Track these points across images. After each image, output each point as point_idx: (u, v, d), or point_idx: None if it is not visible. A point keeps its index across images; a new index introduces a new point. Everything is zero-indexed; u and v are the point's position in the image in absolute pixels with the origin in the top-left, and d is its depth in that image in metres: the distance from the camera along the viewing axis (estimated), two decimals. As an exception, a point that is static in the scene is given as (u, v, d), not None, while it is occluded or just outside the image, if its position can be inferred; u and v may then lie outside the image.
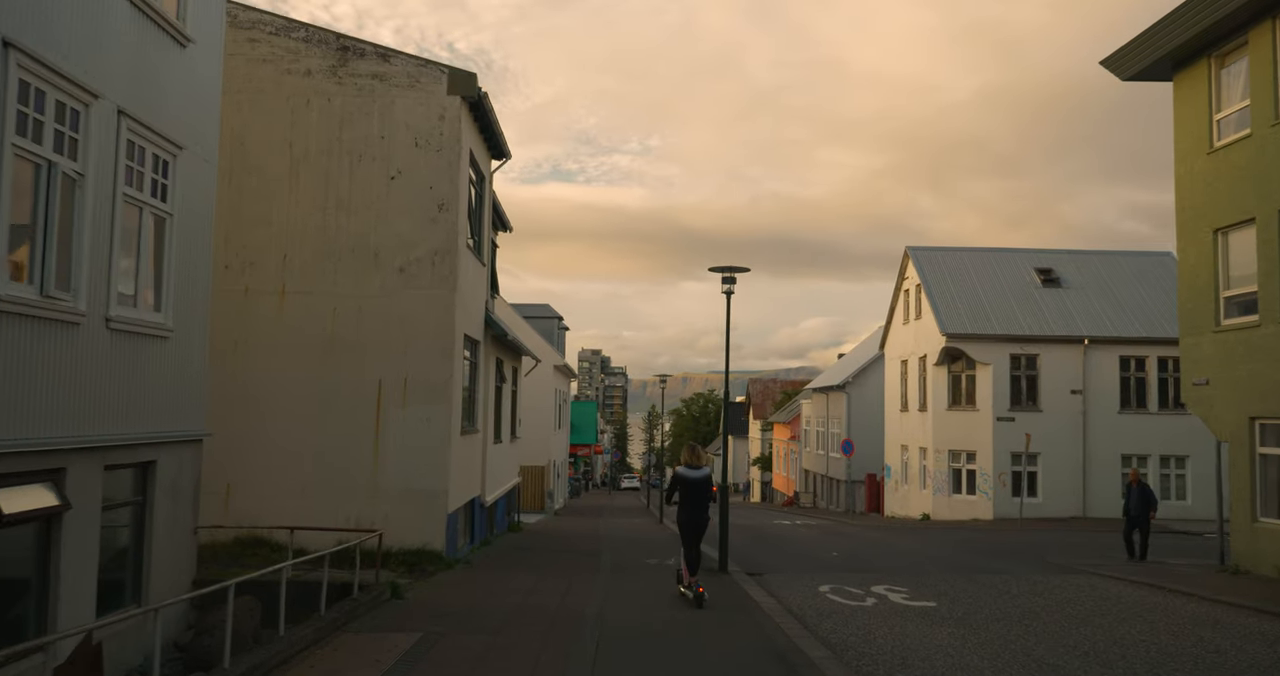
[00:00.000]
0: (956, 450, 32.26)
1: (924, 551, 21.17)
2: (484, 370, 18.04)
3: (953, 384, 32.60)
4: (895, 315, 37.83)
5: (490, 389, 18.73)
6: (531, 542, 20.57)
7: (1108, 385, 31.26)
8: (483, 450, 18.01)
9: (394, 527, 14.16)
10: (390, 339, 14.50)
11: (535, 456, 36.65)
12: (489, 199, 18.25)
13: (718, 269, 16.33)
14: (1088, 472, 31.02)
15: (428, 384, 14.41)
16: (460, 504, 15.77)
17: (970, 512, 31.57)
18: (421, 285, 14.59)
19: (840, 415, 45.93)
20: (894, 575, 16.06)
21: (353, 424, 14.36)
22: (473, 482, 17.12)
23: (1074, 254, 36.03)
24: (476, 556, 16.45)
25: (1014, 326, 31.87)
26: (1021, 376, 31.68)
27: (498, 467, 20.18)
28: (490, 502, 18.98)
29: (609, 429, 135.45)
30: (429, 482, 14.30)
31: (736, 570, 15.90)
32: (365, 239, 14.62)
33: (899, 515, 36.17)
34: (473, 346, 17.12)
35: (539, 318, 41.90)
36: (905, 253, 35.93)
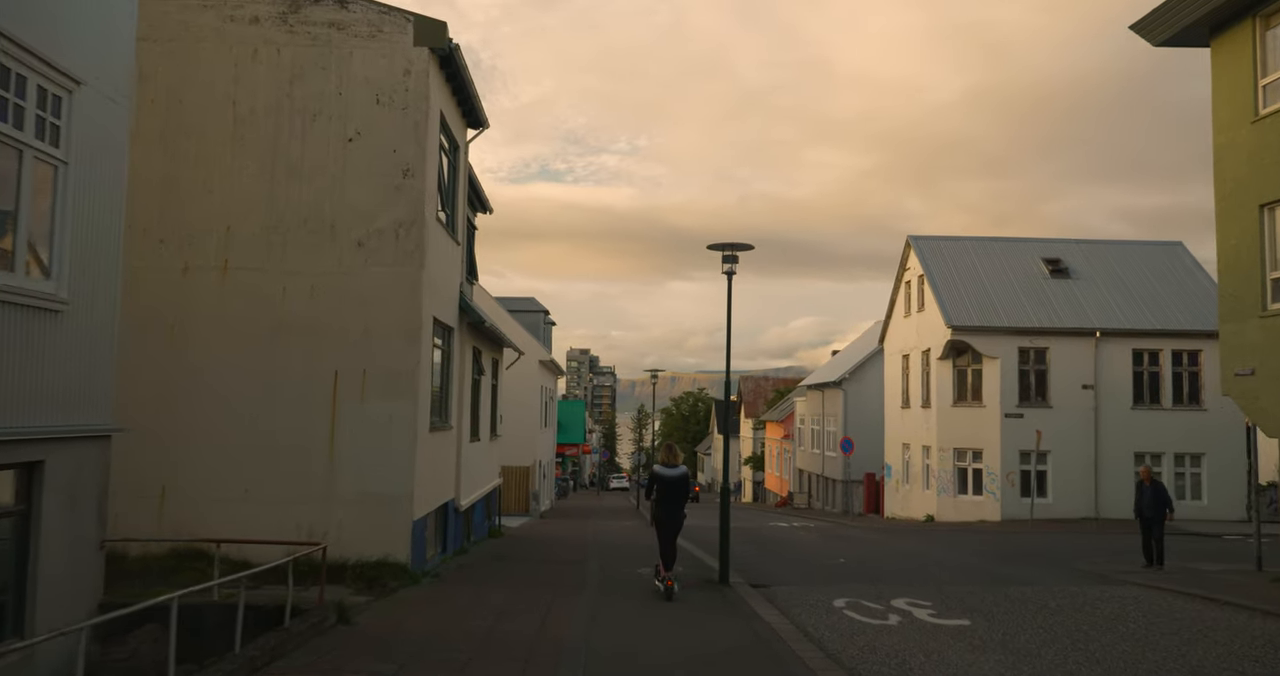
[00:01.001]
0: (962, 448, 30.71)
1: (937, 557, 19.58)
2: (459, 360, 16.34)
3: (958, 379, 31.05)
4: (896, 308, 36.27)
5: (466, 382, 17.03)
6: (512, 550, 18.87)
7: (1120, 380, 29.77)
8: (457, 449, 16.31)
9: (351, 537, 12.46)
10: (348, 322, 12.79)
11: (519, 456, 34.92)
12: (464, 171, 16.55)
13: (717, 247, 14.68)
14: (1100, 471, 29.51)
15: (391, 374, 12.71)
16: (429, 509, 14.06)
17: (977, 514, 30.02)
18: (384, 261, 12.88)
19: (837, 413, 44.36)
20: (912, 585, 14.46)
21: (305, 419, 12.64)
22: (445, 485, 15.41)
23: (1082, 244, 34.55)
24: (448, 568, 14.74)
25: (1022, 318, 30.34)
26: (1030, 371, 30.15)
27: (475, 468, 18.48)
28: (466, 507, 17.28)
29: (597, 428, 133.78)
30: (391, 486, 12.59)
31: (739, 582, 14.27)
32: (319, 209, 12.91)
33: (900, 516, 34.61)
34: (445, 333, 15.42)
35: (524, 311, 40.16)
36: (907, 242, 34.37)
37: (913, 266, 33.99)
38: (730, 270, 14.73)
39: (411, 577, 12.48)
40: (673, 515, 12.29)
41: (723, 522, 14.49)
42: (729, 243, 14.54)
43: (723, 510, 14.57)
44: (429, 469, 13.74)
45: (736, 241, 14.50)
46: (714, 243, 14.64)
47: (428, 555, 14.11)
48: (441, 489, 15.08)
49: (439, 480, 14.79)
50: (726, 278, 14.82)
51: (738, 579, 14.41)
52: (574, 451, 73.70)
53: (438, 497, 14.78)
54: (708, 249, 14.81)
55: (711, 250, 14.82)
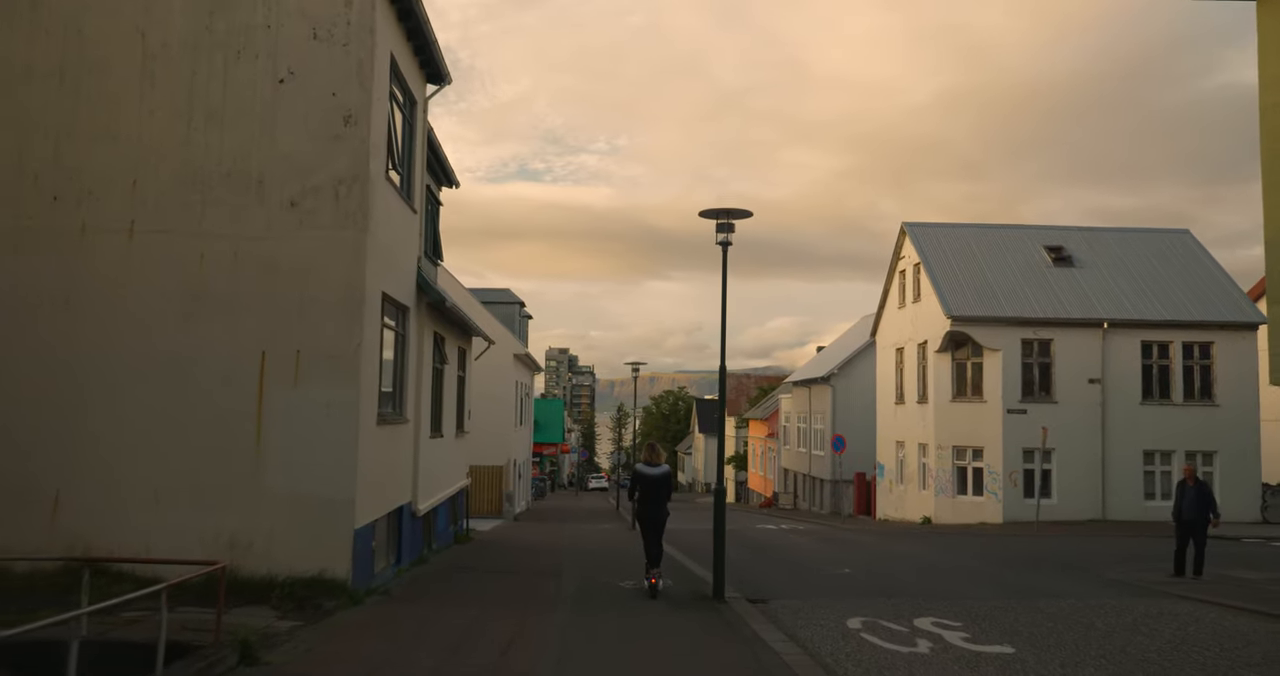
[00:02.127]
0: (961, 446, 29.02)
1: (947, 564, 17.82)
2: (417, 345, 14.41)
3: (957, 373, 29.36)
4: (889, 298, 34.57)
5: (426, 370, 15.09)
6: (479, 559, 16.92)
7: (1128, 373, 28.18)
8: (414, 446, 14.37)
9: (281, 549, 10.51)
10: (278, 295, 10.83)
11: (492, 455, 32.95)
12: (422, 131, 14.61)
13: (711, 213, 12.83)
14: (1107, 470, 27.92)
15: (328, 356, 10.76)
16: (378, 515, 12.11)
17: (977, 515, 28.34)
18: (320, 223, 10.92)
19: (825, 410, 42.64)
20: (932, 599, 12.67)
21: (226, 409, 10.67)
22: (399, 486, 13.47)
23: (1085, 231, 32.97)
24: (401, 582, 12.79)
25: (1026, 308, 28.69)
26: (1034, 364, 28.50)
27: (437, 467, 16.54)
28: (426, 511, 15.33)
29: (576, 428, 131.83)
30: (329, 488, 10.64)
31: (736, 596, 12.43)
32: (245, 161, 10.93)
33: (894, 518, 32.91)
34: (399, 313, 13.48)
35: (498, 303, 38.18)
36: (901, 229, 32.67)
37: (908, 254, 32.29)
38: (725, 240, 12.89)
39: (352, 597, 10.53)
40: (656, 513, 12.24)
41: (717, 529, 12.63)
42: (723, 209, 12.71)
43: (717, 515, 12.71)
44: (377, 467, 11.80)
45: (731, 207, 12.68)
46: (707, 209, 12.80)
47: (376, 568, 12.17)
48: (394, 490, 13.14)
49: (391, 481, 12.85)
50: (721, 249, 12.98)
51: (734, 593, 12.57)
52: (552, 451, 71.74)
53: (389, 501, 12.83)
54: (700, 216, 12.97)
55: (704, 218, 12.99)
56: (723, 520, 12.72)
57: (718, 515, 12.68)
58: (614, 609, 11.44)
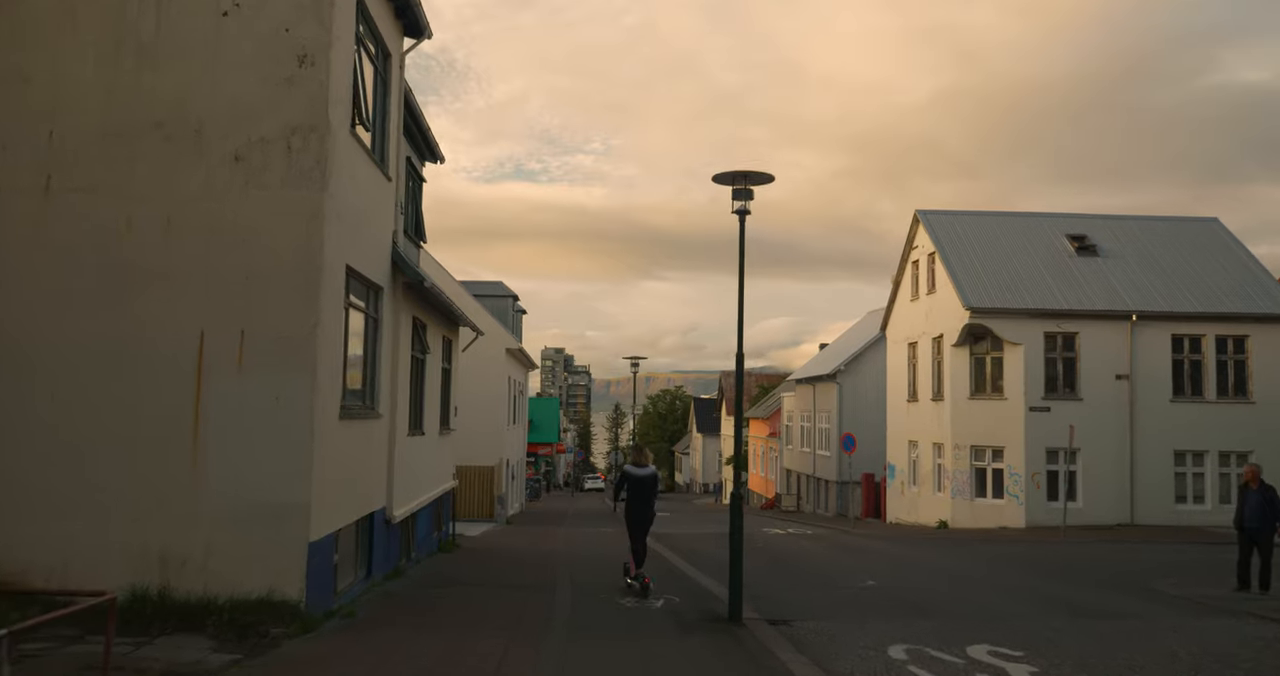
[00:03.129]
0: (980, 446, 27.40)
1: (979, 575, 16.23)
2: (391, 331, 12.76)
3: (976, 368, 27.74)
4: (900, 290, 32.94)
5: (403, 360, 13.45)
6: (463, 570, 15.27)
7: (1158, 369, 26.58)
8: (388, 444, 12.72)
9: (222, 565, 8.87)
10: (219, 266, 9.18)
11: (483, 454, 31.29)
12: (398, 90, 12.95)
13: (725, 177, 11.20)
14: (1135, 472, 26.33)
15: (279, 339, 9.11)
16: (342, 523, 10.46)
17: (997, 519, 26.74)
18: (269, 182, 9.27)
19: (831, 408, 41.02)
20: (977, 620, 11.08)
21: (156, 401, 9.03)
22: (369, 490, 11.81)
23: (1107, 220, 31.38)
24: (370, 601, 11.13)
25: (1049, 299, 27.08)
26: (1058, 358, 26.89)
27: (417, 468, 14.90)
28: (404, 517, 13.68)
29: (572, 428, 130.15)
30: (278, 493, 8.98)
31: (754, 618, 10.82)
32: (181, 107, 9.28)
33: (906, 521, 31.29)
34: (370, 293, 11.83)
35: (491, 296, 36.51)
36: (915, 217, 31.04)
37: (921, 244, 30.67)
38: (742, 208, 11.26)
39: (305, 622, 8.87)
40: (643, 513, 12.47)
41: (734, 541, 10.99)
42: (739, 172, 11.08)
43: (734, 525, 11.07)
44: (340, 469, 10.14)
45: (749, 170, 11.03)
46: (721, 173, 11.16)
47: (339, 585, 10.51)
48: (363, 495, 11.48)
49: (359, 484, 11.19)
50: (739, 218, 11.35)
51: (751, 613, 10.96)
52: (547, 451, 70.04)
53: (356, 507, 11.18)
54: (713, 181, 11.34)
55: (718, 183, 11.35)
56: (740, 531, 11.08)
57: (735, 525, 11.03)
58: (614, 634, 9.82)
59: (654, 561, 17.22)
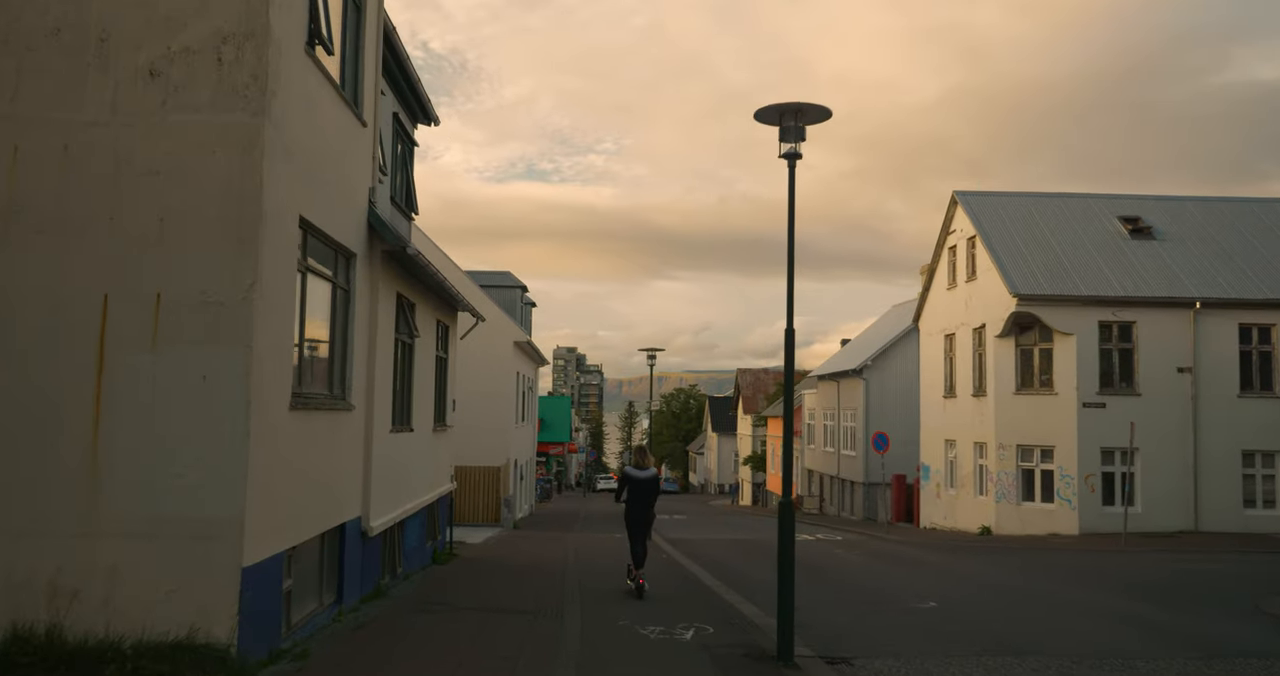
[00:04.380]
0: (1028, 445, 25.19)
1: (1053, 594, 14.07)
2: (368, 307, 10.72)
3: (1022, 360, 25.54)
4: (936, 278, 30.74)
5: (385, 342, 11.41)
6: (457, 587, 13.20)
7: (1224, 361, 24.33)
8: (364, 441, 10.67)
9: (127, 597, 6.83)
10: (128, 211, 7.14)
11: (489, 454, 29.25)
12: (377, 18, 10.89)
13: (769, 112, 9.09)
14: (1200, 474, 24.09)
15: (205, 304, 7.06)
16: (297, 540, 8.40)
17: (1046, 525, 24.54)
18: (194, 103, 7.22)
19: (856, 406, 38.85)
20: (1089, 662, 8.96)
21: (46, 382, 6.99)
22: (337, 497, 9.75)
23: (1162, 200, 29.09)
24: (333, 634, 9.07)
25: (1103, 286, 24.86)
26: (1113, 350, 24.67)
27: (405, 469, 12.86)
28: (385, 527, 11.63)
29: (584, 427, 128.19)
30: (202, 504, 6.93)
31: (808, 655, 8.74)
32: (82, 9, 7.24)
33: (943, 527, 29.10)
34: (339, 259, 9.78)
35: (498, 286, 34.50)
36: (952, 198, 28.84)
37: (960, 227, 28.47)
38: (792, 151, 9.16)
39: (235, 671, 6.81)
40: (643, 514, 12.48)
41: (783, 562, 8.88)
42: (788, 104, 8.97)
43: (782, 543, 8.96)
44: (293, 472, 8.09)
45: (800, 102, 8.93)
46: (766, 107, 9.05)
47: (293, 618, 8.45)
48: (329, 503, 9.43)
49: (323, 489, 9.13)
50: (787, 163, 9.25)
51: (803, 649, 8.88)
52: (559, 450, 68.13)
53: (320, 518, 9.12)
54: (757, 118, 9.24)
55: (761, 122, 9.25)
56: (790, 550, 8.98)
57: (784, 542, 8.92)
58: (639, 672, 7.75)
59: (676, 575, 15.14)
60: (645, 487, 12.46)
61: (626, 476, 12.59)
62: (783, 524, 8.94)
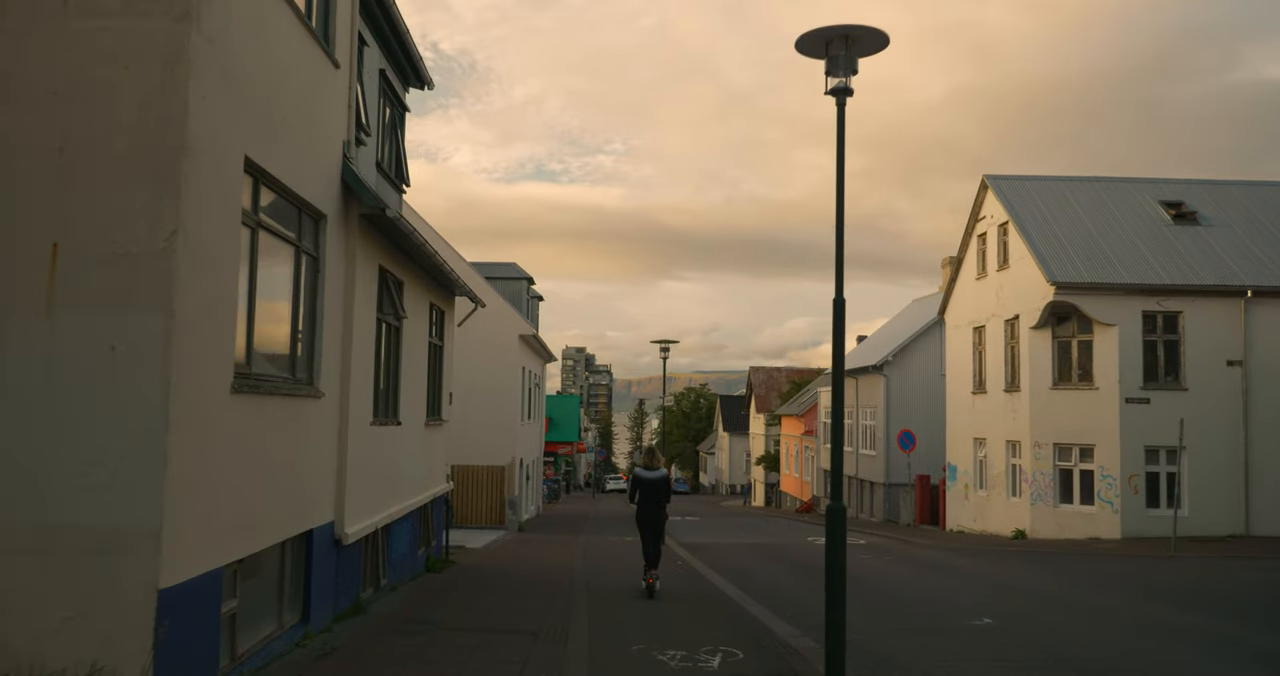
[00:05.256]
0: (1065, 444, 23.61)
1: (1124, 609, 12.49)
2: (342, 279, 9.27)
3: (1060, 353, 23.95)
4: (964, 268, 29.15)
5: (364, 321, 9.95)
6: (448, 602, 11.72)
7: (1278, 353, 22.70)
8: (337, 435, 9.20)
9: (12, 629, 5.38)
10: (19, 140, 5.69)
11: (493, 453, 27.81)
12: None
13: (812, 44, 7.59)
14: (1251, 474, 22.48)
15: (114, 256, 5.62)
16: (244, 552, 6.93)
17: (1086, 529, 22.95)
18: (103, 6, 5.77)
19: (876, 403, 37.27)
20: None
21: (-88, 355, 5.55)
22: (301, 499, 8.28)
23: (1206, 184, 27.45)
24: (291, 663, 7.61)
25: (1147, 273, 23.26)
26: (1158, 342, 23.08)
27: (390, 468, 11.41)
28: (364, 534, 10.17)
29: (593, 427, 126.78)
30: (108, 512, 5.48)
31: (862, 690, 7.27)
32: (-40, -114, 5.80)
33: (972, 530, 27.52)
34: (304, 219, 8.32)
35: (503, 278, 33.07)
36: (982, 183, 27.25)
37: (991, 213, 26.88)
38: (841, 85, 7.66)
39: (149, 723, 5.36)
40: (654, 515, 12.60)
41: (832, 581, 7.40)
42: (836, 27, 7.48)
43: (831, 561, 7.48)
44: (237, 469, 6.63)
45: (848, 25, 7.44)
46: (811, 31, 7.56)
47: (239, 647, 6.98)
48: (290, 507, 7.96)
49: (280, 490, 7.67)
50: (836, 100, 7.75)
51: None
52: (567, 450, 66.66)
53: (278, 525, 7.66)
54: (798, 50, 7.73)
55: (804, 54, 7.75)
56: (842, 564, 7.49)
57: (833, 561, 7.44)
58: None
59: (695, 586, 13.67)
60: (655, 488, 12.60)
61: (637, 478, 12.71)
62: (833, 533, 7.46)
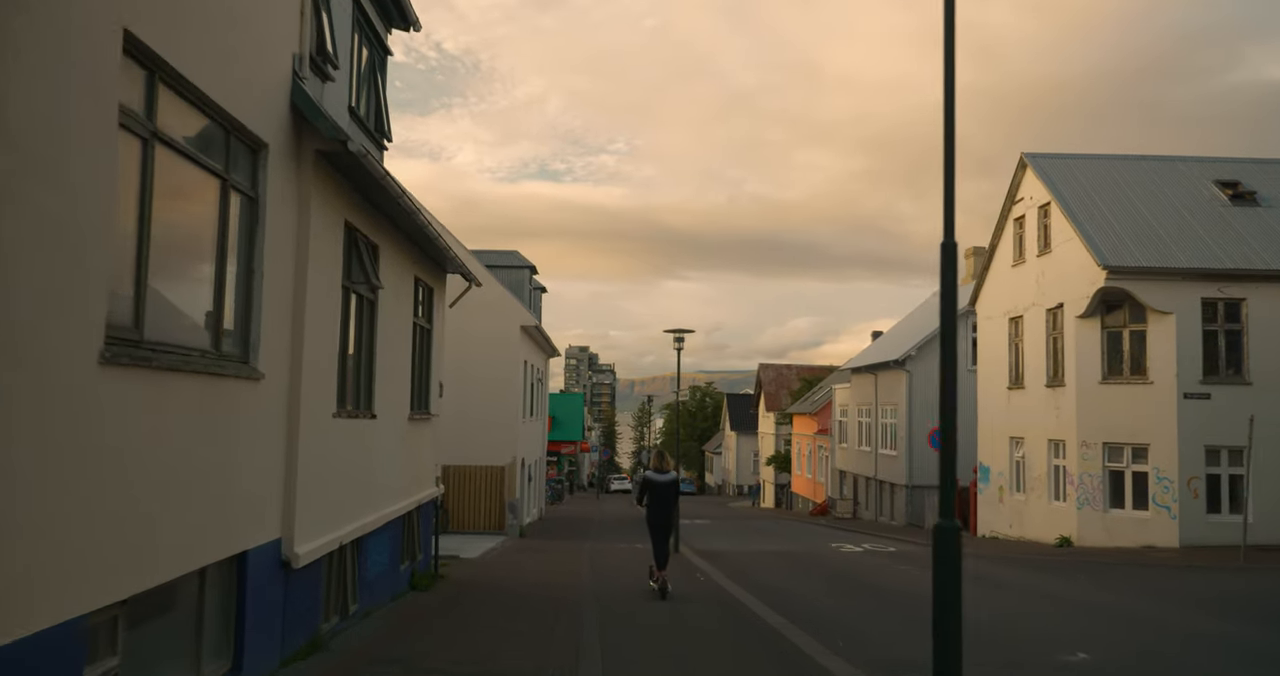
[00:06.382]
0: (1116, 443, 21.62)
1: (1244, 637, 10.51)
2: (291, 227, 7.32)
3: (1109, 344, 21.96)
4: (998, 254, 27.15)
5: (325, 287, 8.00)
6: (427, 633, 9.73)
7: (1351, 344, 20.73)
8: (285, 428, 7.24)
9: None
10: None
11: (493, 452, 25.87)
12: None
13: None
14: (1323, 477, 20.48)
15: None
16: (122, 594, 4.96)
17: (1140, 536, 20.97)
18: None
19: (898, 401, 35.30)
20: None
21: None
22: (230, 512, 6.32)
23: (1262, 164, 25.42)
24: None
25: (1206, 257, 21.28)
26: (1219, 332, 21.09)
27: (364, 469, 9.45)
28: (324, 552, 8.20)
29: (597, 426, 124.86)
30: None
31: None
32: None
33: (1007, 536, 25.54)
34: (232, 142, 6.36)
35: (505, 267, 31.13)
36: (1020, 162, 25.25)
37: (1030, 194, 24.88)
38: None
39: None
40: (664, 517, 12.79)
41: (945, 623, 5.44)
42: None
43: (943, 592, 5.52)
44: (114, 475, 4.68)
45: None
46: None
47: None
48: (211, 523, 6.01)
49: (192, 501, 5.72)
50: None
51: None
52: (571, 450, 64.76)
53: (188, 548, 5.70)
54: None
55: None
56: (956, 606, 5.54)
57: (945, 596, 5.49)
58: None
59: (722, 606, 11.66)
60: (665, 491, 12.75)
61: (648, 480, 12.84)
62: (944, 562, 5.51)
